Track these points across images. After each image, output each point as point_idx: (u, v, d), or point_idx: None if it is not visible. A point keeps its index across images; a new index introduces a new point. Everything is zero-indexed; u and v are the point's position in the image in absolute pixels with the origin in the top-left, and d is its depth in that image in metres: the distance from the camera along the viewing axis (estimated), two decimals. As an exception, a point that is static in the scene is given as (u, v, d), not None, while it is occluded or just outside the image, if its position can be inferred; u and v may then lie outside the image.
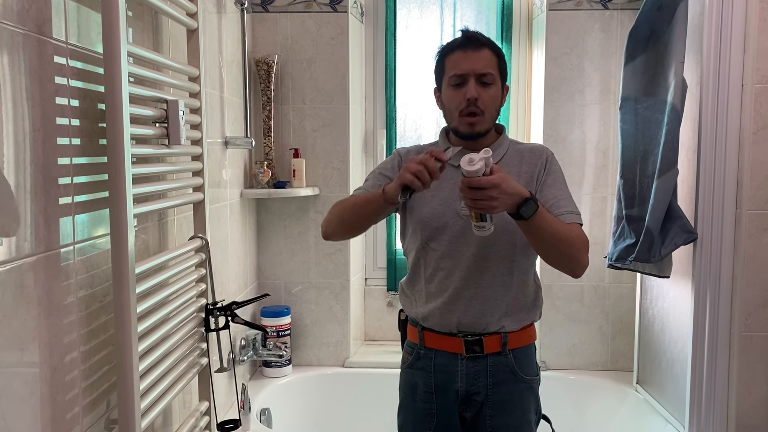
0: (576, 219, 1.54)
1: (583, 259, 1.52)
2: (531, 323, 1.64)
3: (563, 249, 1.49)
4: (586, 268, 1.53)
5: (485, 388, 1.58)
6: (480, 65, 1.53)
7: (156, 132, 1.46)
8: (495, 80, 1.55)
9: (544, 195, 1.55)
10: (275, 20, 2.65)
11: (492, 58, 1.55)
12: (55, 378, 1.16)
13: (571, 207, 1.55)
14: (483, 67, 1.53)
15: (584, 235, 1.54)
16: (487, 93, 1.54)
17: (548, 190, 1.56)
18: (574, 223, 1.53)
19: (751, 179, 1.93)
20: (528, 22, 2.88)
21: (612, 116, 2.61)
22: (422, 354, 1.64)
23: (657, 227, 2.03)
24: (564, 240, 1.47)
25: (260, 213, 2.73)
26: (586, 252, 1.52)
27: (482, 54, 1.54)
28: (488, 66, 1.54)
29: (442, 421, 1.61)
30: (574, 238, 1.49)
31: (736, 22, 1.92)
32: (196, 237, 1.75)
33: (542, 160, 1.60)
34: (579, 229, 1.53)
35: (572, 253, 1.50)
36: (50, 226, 1.13)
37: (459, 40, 1.58)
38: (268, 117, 2.63)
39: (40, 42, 1.11)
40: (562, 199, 1.55)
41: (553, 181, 1.58)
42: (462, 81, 1.54)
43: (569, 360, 2.75)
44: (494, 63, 1.56)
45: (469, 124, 1.55)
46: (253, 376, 2.67)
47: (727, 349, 1.99)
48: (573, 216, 1.54)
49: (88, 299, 1.27)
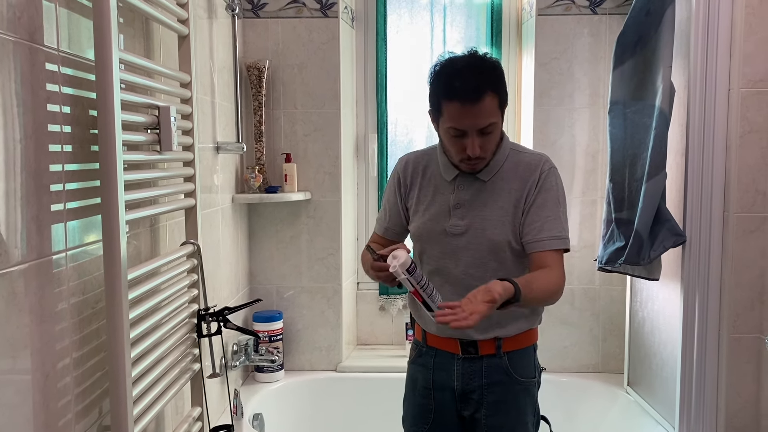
0: (557, 245, 1.51)
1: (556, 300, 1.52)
2: (529, 329, 1.64)
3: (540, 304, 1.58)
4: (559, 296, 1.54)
5: (480, 387, 1.60)
6: (482, 120, 1.44)
7: (147, 138, 1.46)
8: (497, 125, 1.47)
9: (530, 216, 1.52)
10: (266, 25, 2.66)
11: (492, 103, 1.44)
12: (47, 385, 1.16)
13: (555, 230, 1.51)
14: (485, 120, 1.44)
15: (562, 273, 1.51)
16: (489, 140, 1.48)
17: (535, 211, 1.52)
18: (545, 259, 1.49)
19: (738, 182, 1.95)
20: (517, 27, 2.90)
21: (601, 120, 2.64)
22: (424, 351, 1.68)
23: (646, 230, 2.05)
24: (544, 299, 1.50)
25: (252, 218, 2.73)
26: (561, 292, 1.51)
27: (484, 106, 1.42)
28: (490, 116, 1.44)
29: (439, 416, 1.65)
30: (552, 295, 1.49)
31: (723, 27, 1.95)
32: (188, 242, 1.75)
33: (534, 177, 1.54)
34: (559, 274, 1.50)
35: (545, 304, 1.57)
36: (42, 233, 1.14)
37: (459, 88, 1.43)
38: (260, 122, 2.63)
39: (32, 49, 1.11)
40: (548, 221, 1.51)
41: (543, 201, 1.52)
42: (461, 134, 1.47)
43: (560, 362, 2.76)
44: (495, 106, 1.45)
45: (472, 168, 1.54)
46: (246, 382, 2.66)
47: (716, 350, 2.01)
48: (554, 242, 1.51)
49: (80, 306, 1.27)
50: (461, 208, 1.56)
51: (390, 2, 2.90)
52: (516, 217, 1.54)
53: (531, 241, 1.52)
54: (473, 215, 1.55)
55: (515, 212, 1.54)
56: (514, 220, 1.54)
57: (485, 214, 1.54)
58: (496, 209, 1.54)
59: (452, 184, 1.58)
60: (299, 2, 2.64)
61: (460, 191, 1.56)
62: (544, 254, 1.51)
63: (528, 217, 1.52)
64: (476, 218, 1.55)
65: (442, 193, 1.58)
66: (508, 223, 1.53)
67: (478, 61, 1.48)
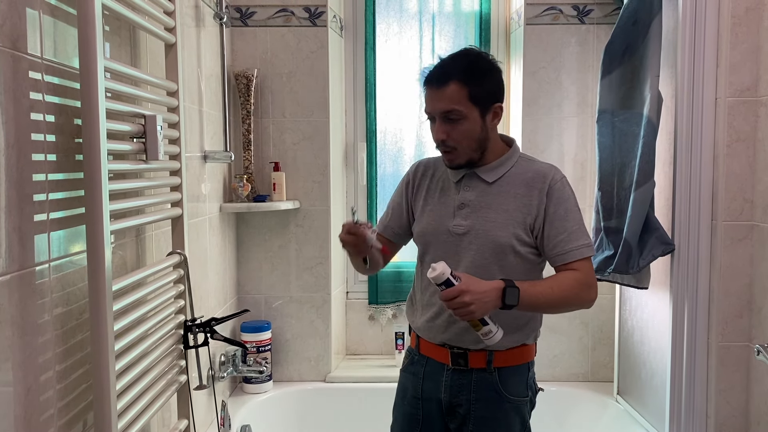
0: (585, 252, 1.51)
1: (585, 303, 1.52)
2: (522, 344, 1.60)
3: (563, 309, 1.58)
4: (594, 301, 1.53)
5: (468, 402, 1.58)
6: (443, 104, 1.49)
7: (133, 147, 1.44)
8: (465, 114, 1.48)
9: (554, 229, 1.51)
10: (254, 34, 2.65)
11: (459, 92, 1.47)
12: (29, 398, 1.13)
13: (581, 240, 1.52)
14: (447, 105, 1.48)
15: (588, 276, 1.51)
16: (457, 129, 1.50)
17: (560, 224, 1.51)
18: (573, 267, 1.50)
19: (725, 191, 1.96)
20: (506, 37, 2.91)
21: (589, 129, 2.64)
22: (416, 359, 1.67)
23: (635, 239, 2.06)
24: (561, 302, 1.50)
25: (240, 227, 2.71)
26: (589, 292, 1.51)
27: (446, 91, 1.48)
28: (453, 102, 1.48)
29: (426, 427, 1.64)
30: (573, 296, 1.49)
31: (709, 36, 1.96)
32: (174, 252, 1.73)
33: (544, 187, 1.53)
34: (578, 275, 1.50)
35: (573, 307, 1.55)
36: (24, 244, 1.12)
37: (429, 73, 1.53)
38: (248, 131, 2.62)
39: (14, 57, 1.09)
40: (573, 233, 1.51)
41: (565, 212, 1.52)
42: (432, 119, 1.53)
43: (550, 371, 2.76)
44: (463, 96, 1.47)
45: (447, 159, 1.56)
46: (233, 393, 2.64)
47: (705, 358, 2.01)
48: (582, 250, 1.51)
49: (64, 317, 1.25)
50: (466, 209, 1.56)
51: (379, 11, 2.91)
52: (522, 223, 1.53)
53: (559, 254, 1.52)
54: (477, 216, 1.55)
55: (522, 218, 1.53)
56: (520, 226, 1.53)
57: (489, 215, 1.54)
58: (500, 212, 1.54)
59: (458, 185, 1.59)
60: (288, 11, 2.64)
61: (465, 192, 1.57)
62: (572, 264, 1.51)
63: (552, 230, 1.51)
64: (480, 219, 1.54)
65: (448, 194, 1.60)
66: (512, 227, 1.52)
67: (460, 52, 1.55)
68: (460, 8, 2.93)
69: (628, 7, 2.13)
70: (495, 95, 1.53)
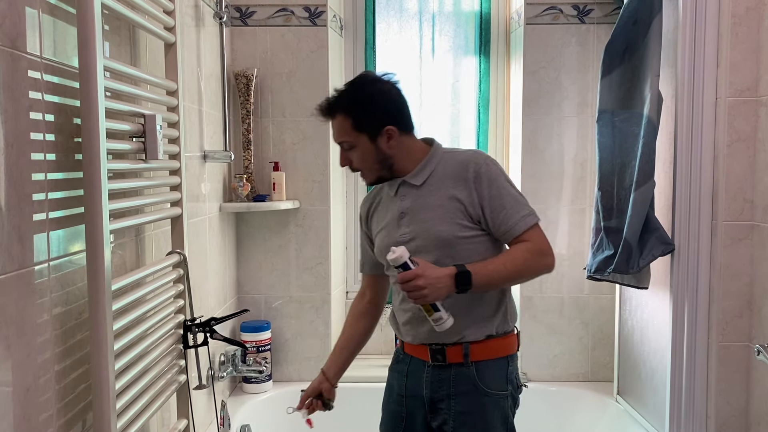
0: (529, 221, 1.56)
1: (542, 269, 1.58)
2: (498, 335, 1.62)
3: (521, 280, 1.65)
4: (553, 267, 1.58)
5: (448, 397, 1.61)
6: (335, 136, 1.61)
7: (133, 147, 1.44)
8: (354, 143, 1.57)
9: (493, 210, 1.56)
10: (254, 33, 2.65)
11: (344, 123, 1.57)
12: (28, 398, 1.13)
13: (521, 211, 1.56)
14: (337, 137, 1.60)
15: (539, 244, 1.56)
16: (353, 155, 1.60)
17: (495, 203, 1.56)
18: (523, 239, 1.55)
19: (725, 191, 1.95)
20: (506, 36, 2.91)
21: (589, 129, 2.64)
22: (401, 358, 1.73)
23: (635, 239, 2.05)
24: (517, 275, 1.57)
25: (240, 227, 2.71)
26: (543, 258, 1.56)
27: (335, 124, 1.60)
28: (341, 134, 1.59)
29: (410, 425, 1.68)
30: (526, 267, 1.55)
31: (709, 36, 1.96)
32: (174, 252, 1.73)
33: (469, 175, 1.57)
34: (528, 245, 1.55)
35: (531, 275, 1.61)
36: (24, 243, 1.11)
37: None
38: (248, 130, 2.61)
39: (14, 56, 1.09)
40: (511, 207, 1.56)
41: (498, 191, 1.56)
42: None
43: (550, 371, 2.75)
44: (347, 127, 1.57)
45: (362, 179, 1.67)
46: (233, 393, 2.63)
47: (705, 359, 2.01)
48: (525, 220, 1.56)
49: (63, 317, 1.25)
50: (406, 217, 1.62)
51: (379, 11, 2.90)
52: (462, 213, 1.57)
53: (506, 231, 1.56)
54: (416, 220, 1.60)
55: (460, 208, 1.57)
56: (459, 216, 1.57)
57: (427, 215, 1.59)
58: (435, 209, 1.58)
59: (396, 197, 1.65)
60: (288, 10, 2.64)
61: (401, 201, 1.63)
62: (521, 236, 1.56)
63: (492, 212, 1.56)
64: (419, 222, 1.60)
65: (391, 208, 1.66)
66: (450, 219, 1.57)
67: (348, 83, 1.63)
68: (460, 8, 2.92)
69: (628, 6, 2.13)
70: (382, 120, 1.57)
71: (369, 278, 1.84)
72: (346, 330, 1.87)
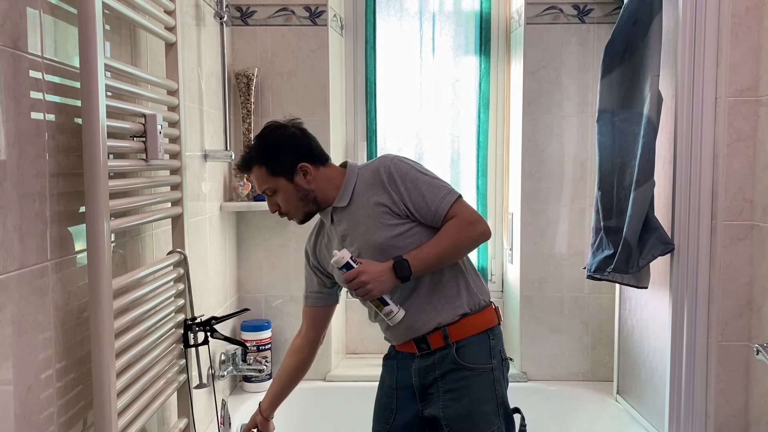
0: (449, 199, 1.62)
1: (478, 238, 1.63)
2: (472, 311, 1.67)
3: (460, 253, 1.66)
4: (489, 233, 1.64)
5: (435, 381, 1.67)
6: (257, 186, 1.70)
7: (134, 146, 1.45)
8: (275, 188, 1.66)
9: (414, 202, 1.62)
10: (255, 33, 2.65)
11: (260, 172, 1.66)
12: (29, 397, 1.14)
13: (439, 192, 1.62)
14: (259, 186, 1.69)
15: (465, 215, 1.61)
16: (279, 199, 1.69)
17: (415, 195, 1.62)
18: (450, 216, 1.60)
19: (725, 191, 1.96)
20: (506, 36, 2.91)
21: (589, 128, 2.64)
22: (393, 354, 1.81)
23: (635, 238, 2.05)
24: (454, 249, 1.62)
25: (240, 226, 2.71)
26: (474, 227, 1.61)
27: (253, 175, 1.68)
28: (261, 183, 1.67)
29: (401, 416, 1.74)
30: (460, 239, 1.61)
31: (709, 36, 1.96)
32: (174, 251, 1.73)
33: (383, 180, 1.64)
34: (456, 219, 1.60)
35: (470, 246, 1.66)
36: (24, 243, 1.12)
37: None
38: (248, 130, 2.62)
39: (15, 56, 1.09)
40: (429, 193, 1.62)
41: (413, 183, 1.63)
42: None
43: (550, 371, 2.76)
44: (264, 174, 1.65)
45: (295, 221, 1.74)
46: (233, 392, 2.64)
47: (705, 358, 2.02)
48: (446, 199, 1.61)
49: (63, 316, 1.26)
50: (348, 237, 1.68)
51: (379, 10, 2.91)
52: (390, 215, 1.63)
53: (433, 215, 1.62)
54: (356, 236, 1.67)
55: (387, 212, 1.63)
56: (388, 218, 1.63)
57: (361, 229, 1.66)
58: (365, 219, 1.65)
59: (334, 224, 1.72)
60: (288, 10, 2.64)
61: (339, 226, 1.70)
62: (448, 215, 1.61)
63: (415, 204, 1.62)
64: (358, 237, 1.66)
65: (334, 237, 1.73)
66: (381, 224, 1.63)
67: (254, 139, 1.72)
68: (460, 7, 2.93)
69: (628, 6, 2.13)
70: (294, 159, 1.66)
71: (309, 313, 1.89)
72: (283, 364, 1.91)
